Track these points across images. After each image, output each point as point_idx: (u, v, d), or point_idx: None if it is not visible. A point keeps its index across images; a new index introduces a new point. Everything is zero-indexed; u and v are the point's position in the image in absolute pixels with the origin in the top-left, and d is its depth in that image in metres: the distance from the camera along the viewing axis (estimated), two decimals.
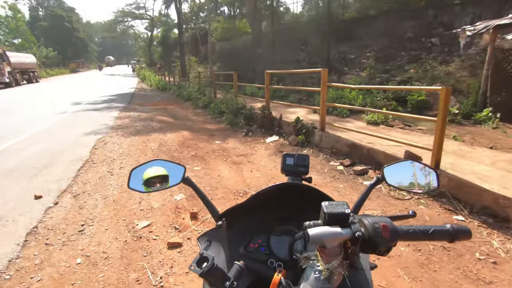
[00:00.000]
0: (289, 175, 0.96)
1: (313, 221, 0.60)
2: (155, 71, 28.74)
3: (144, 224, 2.82)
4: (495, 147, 4.52)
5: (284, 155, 0.97)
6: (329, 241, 0.55)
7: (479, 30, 6.13)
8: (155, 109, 10.60)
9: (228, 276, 0.50)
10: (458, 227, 0.59)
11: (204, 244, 0.81)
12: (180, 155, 4.95)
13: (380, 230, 0.55)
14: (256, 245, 0.81)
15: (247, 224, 0.86)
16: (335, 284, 0.58)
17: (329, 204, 0.59)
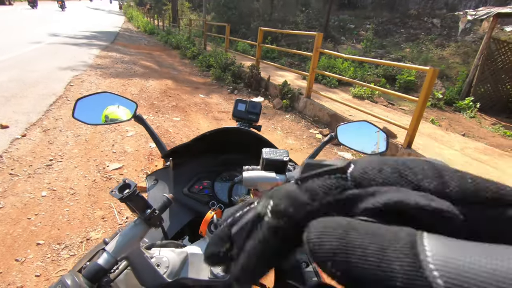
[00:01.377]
0: (240, 121, 0.95)
1: (252, 166, 0.60)
2: (143, 12, 26.63)
3: (116, 166, 2.80)
4: (468, 135, 4.72)
5: (236, 101, 0.95)
6: (262, 185, 0.56)
7: (480, 15, 6.01)
8: (140, 53, 10.01)
9: (150, 205, 0.50)
10: None
11: (152, 182, 0.81)
12: (160, 104, 4.80)
13: None
14: (201, 187, 0.82)
15: (195, 166, 0.86)
16: None
17: (270, 151, 0.59)
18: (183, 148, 0.80)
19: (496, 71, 6.44)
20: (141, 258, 0.50)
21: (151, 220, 0.50)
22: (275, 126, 4.49)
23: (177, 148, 0.80)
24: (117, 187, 0.49)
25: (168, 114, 4.36)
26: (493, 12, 5.84)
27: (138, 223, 0.50)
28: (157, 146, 0.90)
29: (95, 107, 0.87)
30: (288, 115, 5.06)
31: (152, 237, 0.71)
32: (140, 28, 19.37)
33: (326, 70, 7.41)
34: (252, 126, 0.95)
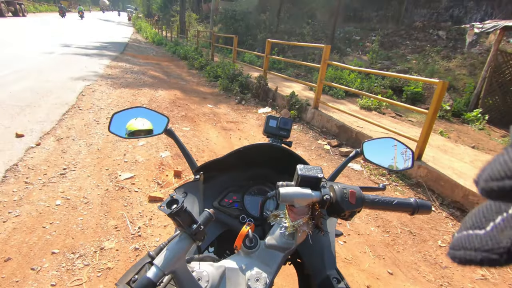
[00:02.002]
0: (271, 137, 0.97)
1: (286, 182, 0.62)
2: (152, 23, 27.26)
3: (127, 175, 2.83)
4: (477, 147, 4.68)
5: (268, 117, 0.97)
6: (298, 201, 0.58)
7: (487, 28, 6.05)
8: (149, 63, 10.20)
9: (196, 220, 0.52)
10: (421, 201, 0.63)
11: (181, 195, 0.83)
12: (169, 113, 4.87)
13: (347, 195, 0.57)
14: (231, 201, 0.83)
15: (224, 180, 0.88)
16: (298, 241, 0.61)
17: (304, 167, 0.61)
18: (215, 164, 0.82)
19: (504, 83, 6.42)
20: (185, 273, 0.51)
21: (196, 235, 0.51)
22: None
23: (209, 164, 0.82)
24: (165, 202, 0.51)
25: (177, 124, 4.41)
26: (500, 25, 5.86)
27: (183, 238, 0.51)
28: (187, 160, 0.91)
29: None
30: (296, 125, 5.08)
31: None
32: (149, 39, 19.78)
33: (333, 81, 7.46)
34: (283, 142, 0.97)
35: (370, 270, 2.04)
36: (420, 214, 0.64)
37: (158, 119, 0.92)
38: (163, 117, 0.92)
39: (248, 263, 0.62)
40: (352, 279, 1.93)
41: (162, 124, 0.91)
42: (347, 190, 0.59)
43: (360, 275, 1.97)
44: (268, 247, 0.63)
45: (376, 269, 2.05)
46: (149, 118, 0.91)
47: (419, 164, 3.37)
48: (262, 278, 0.59)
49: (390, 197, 0.63)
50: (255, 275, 0.59)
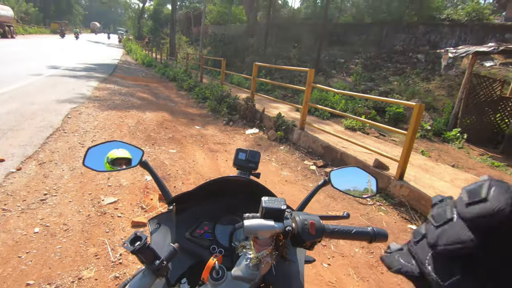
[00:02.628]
0: (240, 169, 1.01)
1: (252, 214, 0.65)
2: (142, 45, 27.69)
3: (111, 200, 2.79)
4: (457, 165, 4.84)
5: (237, 150, 1.02)
6: (262, 233, 0.61)
7: (460, 53, 6.44)
8: (137, 84, 10.28)
9: (159, 256, 0.54)
10: (378, 230, 0.67)
11: (154, 226, 0.85)
12: (157, 136, 4.87)
13: (308, 226, 0.61)
14: (202, 231, 0.86)
15: (197, 211, 0.90)
16: (262, 272, 0.64)
17: (269, 200, 0.65)
18: (187, 196, 0.85)
19: (479, 104, 6.76)
20: None
21: (159, 270, 0.53)
22: (270, 158, 4.56)
23: (182, 196, 0.85)
24: (129, 240, 0.53)
25: (164, 146, 4.41)
26: (472, 50, 6.27)
27: (146, 274, 0.53)
28: (161, 191, 0.94)
29: (104, 155, 0.93)
30: (283, 146, 5.16)
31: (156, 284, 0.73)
32: (138, 61, 20.01)
33: (318, 102, 7.68)
34: (252, 174, 1.01)
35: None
36: (378, 242, 0.68)
37: (134, 151, 0.95)
38: (138, 150, 0.95)
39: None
40: None
41: (137, 156, 0.94)
42: (308, 221, 0.63)
43: None
44: (235, 278, 0.65)
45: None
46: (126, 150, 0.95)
47: (401, 183, 3.45)
48: None
49: (349, 226, 0.67)
50: None
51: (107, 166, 0.93)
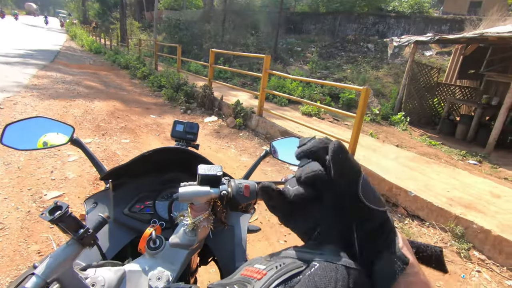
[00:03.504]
0: (178, 141, 1.00)
1: (190, 182, 0.65)
2: (88, 31, 25.38)
3: (54, 194, 2.57)
4: (401, 145, 5.30)
5: (175, 122, 1.01)
6: (196, 199, 0.61)
7: (403, 42, 6.96)
8: (84, 72, 9.46)
9: (83, 225, 0.52)
10: None
11: (91, 206, 0.81)
12: (107, 126, 4.57)
13: (242, 190, 0.63)
14: (142, 206, 0.84)
15: (136, 186, 0.87)
16: (200, 236, 0.65)
17: (205, 167, 0.65)
18: (122, 169, 0.81)
19: (419, 89, 7.42)
20: (73, 279, 0.50)
21: (84, 239, 0.51)
22: (229, 145, 4.56)
23: (116, 169, 0.81)
24: (48, 210, 0.50)
25: (116, 136, 4.16)
26: (413, 40, 6.81)
27: (70, 244, 0.51)
28: (96, 168, 0.90)
29: (28, 133, 0.85)
30: (242, 133, 5.18)
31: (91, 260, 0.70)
32: (85, 47, 18.36)
33: (276, 89, 7.80)
34: (191, 145, 1.00)
35: None
36: None
37: (63, 128, 0.88)
38: (68, 126, 0.89)
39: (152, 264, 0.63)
40: None
41: (67, 133, 0.88)
42: (242, 184, 0.65)
43: None
44: (172, 245, 0.65)
45: None
46: (53, 128, 0.87)
47: None
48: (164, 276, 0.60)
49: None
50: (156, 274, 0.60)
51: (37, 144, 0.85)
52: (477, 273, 2.34)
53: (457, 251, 2.55)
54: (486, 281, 2.27)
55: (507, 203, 3.15)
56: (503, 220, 2.73)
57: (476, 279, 2.28)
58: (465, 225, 2.68)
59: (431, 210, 2.92)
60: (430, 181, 3.46)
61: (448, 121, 6.90)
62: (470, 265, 2.42)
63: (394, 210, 3.14)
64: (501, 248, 2.47)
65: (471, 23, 8.04)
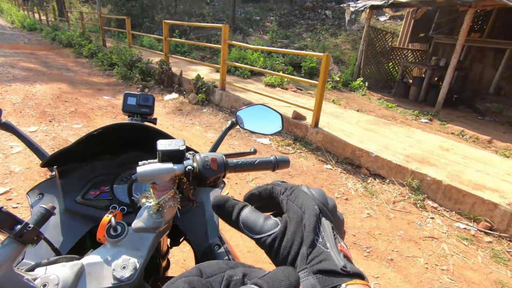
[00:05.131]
0: (132, 116, 0.90)
1: (149, 161, 0.58)
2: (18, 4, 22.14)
3: (0, 191, 2.31)
4: (361, 110, 5.52)
5: (125, 94, 0.90)
6: (159, 177, 0.55)
7: (359, 7, 7.02)
8: (19, 53, 8.34)
9: (20, 220, 0.44)
10: (280, 157, 0.68)
11: (35, 198, 0.71)
12: (54, 111, 4.13)
13: (209, 163, 0.57)
14: (98, 192, 0.75)
15: (88, 171, 0.78)
16: (166, 217, 0.59)
17: (165, 142, 0.58)
18: (67, 153, 0.71)
19: (376, 54, 7.67)
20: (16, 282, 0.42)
21: (23, 236, 0.43)
22: (193, 122, 4.39)
23: (59, 153, 0.70)
24: None
25: (66, 122, 3.79)
26: (368, 4, 6.88)
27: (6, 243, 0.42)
28: (36, 154, 0.78)
29: None
30: (205, 109, 5.01)
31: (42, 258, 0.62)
32: (16, 24, 16.11)
33: (238, 61, 7.57)
34: (147, 120, 0.91)
35: None
36: (281, 169, 0.69)
37: None
38: None
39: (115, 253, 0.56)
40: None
41: None
42: (209, 158, 0.59)
43: None
44: (136, 230, 0.58)
45: None
46: None
47: (316, 130, 3.77)
48: (130, 264, 0.55)
49: (252, 158, 0.66)
50: (121, 263, 0.54)
51: None
52: (431, 220, 2.60)
53: (413, 203, 2.79)
54: (439, 225, 2.53)
55: (454, 155, 3.47)
56: (452, 170, 3.01)
57: (430, 225, 2.53)
58: (420, 178, 2.92)
59: (390, 168, 3.13)
60: (389, 141, 3.67)
61: (402, 84, 7.29)
62: (425, 214, 2.67)
63: (357, 171, 3.32)
64: (450, 195, 2.74)
65: None
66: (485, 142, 4.49)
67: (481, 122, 5.65)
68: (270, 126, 0.97)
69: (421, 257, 2.15)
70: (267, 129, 0.97)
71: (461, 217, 2.64)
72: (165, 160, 0.58)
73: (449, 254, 2.21)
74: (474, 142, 4.52)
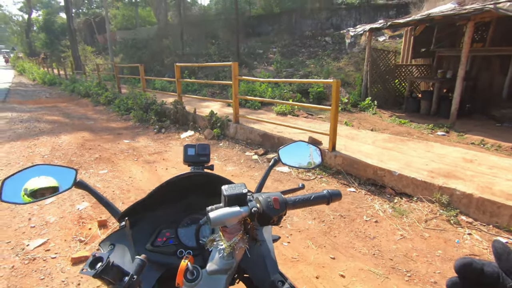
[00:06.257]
0: (192, 165, 0.97)
1: (215, 205, 0.64)
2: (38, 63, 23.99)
3: (38, 242, 2.39)
4: (375, 129, 5.54)
5: (185, 146, 0.98)
6: (229, 220, 0.60)
7: (358, 32, 7.30)
8: (43, 107, 8.92)
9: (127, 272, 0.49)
10: (332, 191, 0.73)
11: (107, 249, 0.76)
12: (80, 159, 4.33)
13: (272, 203, 0.63)
14: (164, 238, 0.80)
15: (154, 219, 0.84)
16: (237, 258, 0.64)
17: (229, 187, 0.64)
18: (139, 206, 0.78)
19: (381, 74, 7.81)
20: None
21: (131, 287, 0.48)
22: (211, 156, 4.49)
23: (133, 207, 0.77)
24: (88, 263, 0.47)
25: (92, 169, 3.96)
26: (367, 28, 7.16)
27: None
28: (108, 209, 0.84)
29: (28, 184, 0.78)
30: (222, 143, 5.14)
31: None
32: (37, 81, 17.33)
33: (247, 94, 7.84)
34: (205, 167, 0.98)
35: (316, 261, 2.19)
36: (334, 202, 0.74)
37: (64, 173, 0.83)
38: (70, 169, 0.83)
39: None
40: (302, 275, 2.03)
41: (69, 177, 0.82)
42: (271, 198, 0.65)
43: (308, 269, 2.10)
44: (211, 273, 0.63)
45: (320, 259, 2.21)
46: (53, 174, 0.81)
47: (335, 154, 3.80)
48: None
49: (307, 194, 0.71)
50: None
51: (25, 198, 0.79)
52: (469, 236, 2.50)
53: (447, 219, 2.70)
54: (478, 241, 2.43)
55: (479, 166, 3.40)
56: (480, 182, 2.94)
57: (469, 242, 2.43)
58: (449, 194, 2.85)
59: (416, 185, 3.08)
60: (409, 158, 3.64)
61: (412, 99, 7.31)
62: (461, 230, 2.58)
63: (382, 191, 3.27)
64: (484, 208, 2.65)
65: (414, 5, 8.62)
66: (508, 149, 4.38)
67: (500, 129, 5.55)
68: (309, 160, 1.02)
69: None
70: (307, 163, 1.02)
71: (500, 231, 2.53)
72: (231, 204, 0.63)
73: None
74: (496, 150, 4.41)
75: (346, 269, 2.11)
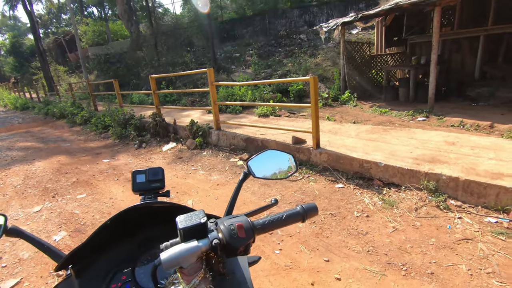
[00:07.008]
0: (143, 194, 0.86)
1: (171, 241, 0.54)
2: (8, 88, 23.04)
3: (10, 284, 2.19)
4: (357, 121, 5.54)
5: (133, 173, 0.86)
6: (186, 260, 0.50)
7: (331, 26, 7.34)
8: (14, 134, 8.50)
9: None
10: (307, 206, 0.64)
11: None
12: (56, 185, 4.10)
13: (235, 231, 0.53)
14: (119, 284, 0.69)
15: (105, 261, 0.72)
16: None
17: (184, 218, 0.55)
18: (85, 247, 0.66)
19: (357, 66, 7.89)
20: None
21: None
22: (195, 167, 4.36)
23: (74, 253, 0.66)
24: None
25: (69, 194, 3.74)
26: (339, 22, 7.21)
27: None
28: (50, 256, 0.73)
29: None
30: (205, 152, 5.01)
31: None
32: (9, 106, 16.63)
33: (227, 99, 7.74)
34: (159, 195, 0.87)
35: (310, 266, 2.10)
36: (310, 218, 0.65)
37: None
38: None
39: None
40: (296, 283, 1.94)
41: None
42: (234, 225, 0.55)
43: (302, 276, 2.01)
44: None
45: (314, 263, 2.13)
46: None
47: (319, 151, 3.74)
48: None
49: (279, 213, 0.62)
50: None
51: None
52: (459, 220, 2.48)
53: (436, 205, 2.68)
54: (469, 224, 2.42)
55: (462, 147, 3.42)
56: (464, 164, 2.95)
57: (460, 226, 2.41)
58: (435, 179, 2.84)
59: (402, 174, 3.05)
60: (394, 147, 3.63)
61: (390, 88, 7.41)
62: (451, 214, 2.56)
63: (370, 184, 3.23)
64: (471, 190, 2.65)
65: None
66: (487, 128, 4.46)
67: (476, 108, 5.68)
68: (283, 169, 0.93)
69: (462, 263, 2.01)
70: (283, 172, 0.93)
71: (489, 211, 2.53)
72: (187, 238, 0.54)
73: (489, 254, 2.07)
74: (476, 130, 4.49)
75: (341, 271, 2.03)
